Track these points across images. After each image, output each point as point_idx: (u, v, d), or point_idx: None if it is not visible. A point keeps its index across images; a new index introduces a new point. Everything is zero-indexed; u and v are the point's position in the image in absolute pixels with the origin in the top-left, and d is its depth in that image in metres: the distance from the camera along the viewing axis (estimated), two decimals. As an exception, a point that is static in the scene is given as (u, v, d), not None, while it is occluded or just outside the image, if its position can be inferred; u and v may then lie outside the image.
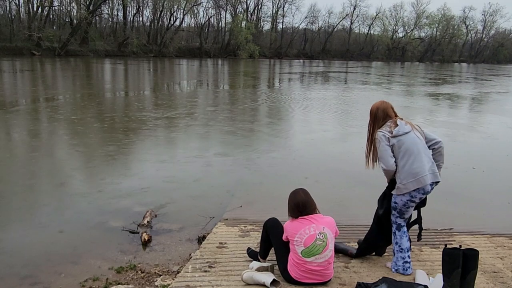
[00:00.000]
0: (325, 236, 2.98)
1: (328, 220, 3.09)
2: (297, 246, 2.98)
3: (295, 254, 3.01)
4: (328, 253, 3.00)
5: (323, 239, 2.97)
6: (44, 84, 19.10)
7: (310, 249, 2.95)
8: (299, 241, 2.98)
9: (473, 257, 2.84)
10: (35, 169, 6.66)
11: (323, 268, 3.01)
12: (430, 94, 20.67)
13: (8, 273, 3.62)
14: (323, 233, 2.99)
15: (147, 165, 6.93)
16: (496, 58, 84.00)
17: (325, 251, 2.98)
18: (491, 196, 6.02)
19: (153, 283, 3.48)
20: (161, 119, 10.90)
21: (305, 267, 2.99)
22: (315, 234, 2.96)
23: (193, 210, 5.10)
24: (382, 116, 3.26)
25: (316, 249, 2.95)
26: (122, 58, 43.86)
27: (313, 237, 2.95)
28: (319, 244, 2.95)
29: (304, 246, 2.96)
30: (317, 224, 3.01)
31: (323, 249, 2.96)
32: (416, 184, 3.16)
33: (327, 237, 2.99)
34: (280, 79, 28.10)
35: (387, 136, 3.15)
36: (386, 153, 3.14)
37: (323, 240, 2.97)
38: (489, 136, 10.55)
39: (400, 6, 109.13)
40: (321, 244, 2.96)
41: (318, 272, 3.01)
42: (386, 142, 3.15)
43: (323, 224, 3.03)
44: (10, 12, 47.44)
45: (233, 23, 60.55)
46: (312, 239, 2.95)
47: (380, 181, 3.59)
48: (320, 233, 2.98)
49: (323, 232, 2.99)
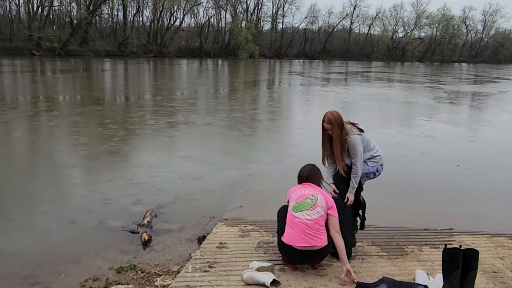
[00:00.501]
0: (316, 198, 3.25)
1: (326, 194, 3.38)
2: (291, 203, 3.31)
3: (289, 211, 3.30)
4: (315, 214, 3.20)
5: (313, 199, 3.25)
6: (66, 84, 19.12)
7: (299, 204, 3.24)
8: (293, 198, 3.33)
9: (473, 257, 2.85)
10: (35, 169, 6.66)
11: (311, 228, 3.17)
12: (478, 92, 20.69)
13: (8, 273, 3.62)
14: (315, 196, 3.27)
15: (147, 165, 6.93)
16: (496, 58, 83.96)
17: (312, 209, 3.20)
18: (491, 196, 6.02)
19: (153, 283, 3.48)
20: (161, 119, 10.90)
21: (294, 222, 3.22)
22: (307, 194, 3.28)
23: (193, 210, 5.10)
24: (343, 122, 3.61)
25: (305, 205, 3.22)
26: (122, 58, 43.86)
27: (304, 196, 3.28)
28: (308, 202, 3.23)
29: (295, 201, 3.28)
30: (314, 189, 3.33)
31: (311, 207, 3.21)
32: (383, 160, 3.73)
33: (317, 199, 3.25)
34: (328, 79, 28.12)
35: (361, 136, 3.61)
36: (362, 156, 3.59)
37: (313, 200, 3.24)
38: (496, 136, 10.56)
39: (400, 6, 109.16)
40: (310, 202, 3.23)
41: (306, 231, 3.16)
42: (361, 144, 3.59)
43: (318, 191, 3.33)
44: (10, 12, 47.50)
45: (233, 23, 60.54)
46: (303, 197, 3.28)
47: (384, 179, 3.59)
48: (312, 195, 3.27)
49: (315, 195, 3.28)
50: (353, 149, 3.56)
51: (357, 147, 3.54)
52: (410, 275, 3.35)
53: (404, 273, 3.40)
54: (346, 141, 3.57)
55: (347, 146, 3.58)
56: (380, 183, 4.22)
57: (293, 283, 3.18)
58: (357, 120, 3.76)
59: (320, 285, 3.17)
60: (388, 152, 7.88)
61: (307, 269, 3.41)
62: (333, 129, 3.55)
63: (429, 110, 14.98)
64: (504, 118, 14.02)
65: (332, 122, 3.54)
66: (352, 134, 3.56)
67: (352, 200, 3.62)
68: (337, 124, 3.54)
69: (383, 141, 8.79)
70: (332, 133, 3.58)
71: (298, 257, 3.28)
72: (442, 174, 6.90)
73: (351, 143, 3.55)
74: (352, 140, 3.55)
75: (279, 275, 3.29)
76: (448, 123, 12.16)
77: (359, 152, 3.54)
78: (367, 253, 3.78)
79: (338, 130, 3.55)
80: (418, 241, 4.09)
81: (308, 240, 3.17)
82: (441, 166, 7.34)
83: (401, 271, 3.43)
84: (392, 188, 5.98)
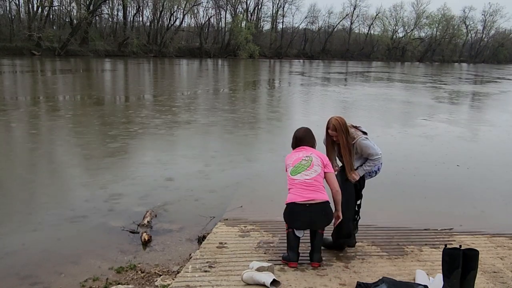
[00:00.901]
0: (310, 158, 3.40)
1: (320, 153, 3.49)
2: (288, 168, 3.44)
3: (288, 176, 3.43)
4: (312, 173, 3.34)
5: (308, 159, 3.39)
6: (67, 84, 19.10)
7: (296, 167, 3.38)
8: (290, 164, 3.45)
9: (473, 257, 2.85)
10: (35, 168, 6.66)
11: (310, 185, 3.31)
12: (478, 92, 20.69)
13: (8, 273, 3.62)
14: (309, 156, 3.41)
15: (147, 165, 6.93)
16: (496, 58, 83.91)
17: (309, 169, 3.35)
18: (491, 196, 6.02)
19: (153, 283, 3.48)
20: (161, 119, 10.90)
21: (293, 184, 3.36)
22: (302, 157, 3.42)
23: (193, 210, 5.10)
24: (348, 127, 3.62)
25: (301, 167, 3.37)
26: (122, 58, 43.86)
27: (299, 159, 3.42)
28: (303, 164, 3.37)
29: (292, 166, 3.41)
30: (307, 151, 3.47)
31: (307, 167, 3.36)
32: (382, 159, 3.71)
33: (312, 159, 3.39)
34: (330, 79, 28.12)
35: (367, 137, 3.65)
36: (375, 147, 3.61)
37: (308, 161, 3.38)
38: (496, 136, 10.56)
39: (400, 6, 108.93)
40: (306, 163, 3.38)
41: (306, 188, 3.30)
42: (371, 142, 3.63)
43: (312, 151, 3.47)
44: (10, 12, 47.50)
45: (233, 23, 60.52)
46: (299, 160, 3.42)
47: (385, 179, 3.58)
48: (306, 156, 3.41)
49: (309, 156, 3.42)
50: (368, 149, 3.55)
51: (370, 147, 3.55)
52: (410, 275, 3.35)
53: (404, 273, 3.40)
54: (354, 146, 3.57)
55: (356, 150, 3.58)
56: (380, 183, 4.22)
57: (293, 283, 3.18)
58: (358, 119, 3.76)
59: (320, 285, 3.17)
60: (388, 152, 7.87)
61: (307, 269, 3.42)
62: (338, 136, 3.54)
63: (430, 110, 14.97)
64: (504, 118, 14.02)
65: (338, 129, 3.52)
66: (360, 139, 3.57)
67: (356, 178, 3.59)
68: (343, 131, 3.53)
69: (383, 141, 8.80)
70: (338, 140, 3.56)
71: (301, 216, 3.28)
72: (442, 174, 6.89)
73: (362, 146, 3.55)
74: (362, 143, 3.55)
75: (279, 275, 3.29)
76: (449, 123, 12.16)
77: (374, 151, 3.56)
78: (367, 253, 3.78)
79: (344, 136, 3.53)
80: (418, 241, 4.09)
81: (308, 195, 3.27)
82: (441, 166, 7.33)
83: (401, 271, 3.43)
84: (392, 188, 5.98)
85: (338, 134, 3.53)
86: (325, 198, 3.33)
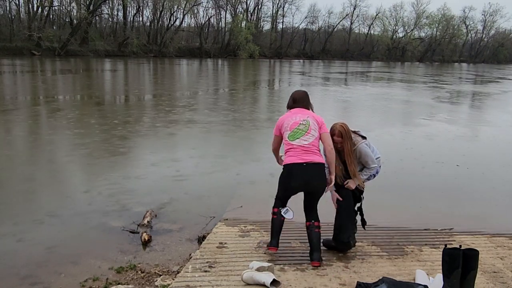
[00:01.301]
0: (308, 122, 3.42)
1: (315, 115, 3.50)
2: (285, 132, 3.45)
3: (285, 140, 3.47)
4: (310, 137, 3.39)
5: (306, 124, 3.41)
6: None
7: (294, 132, 3.40)
8: (286, 127, 3.46)
9: (473, 257, 2.85)
10: (35, 168, 6.66)
11: (308, 149, 3.37)
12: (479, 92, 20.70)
13: (8, 273, 3.62)
14: (306, 120, 3.42)
15: (147, 165, 6.93)
16: (496, 58, 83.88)
17: (307, 135, 3.40)
18: (491, 196, 6.02)
19: (153, 283, 3.48)
20: (161, 119, 10.90)
21: (292, 148, 3.40)
22: (299, 121, 3.43)
23: (193, 210, 5.10)
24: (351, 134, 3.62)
25: (299, 132, 3.39)
26: (122, 58, 43.86)
27: (297, 123, 3.43)
28: (301, 129, 3.39)
29: (290, 130, 3.42)
30: (303, 114, 3.47)
31: (305, 132, 3.39)
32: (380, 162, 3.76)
33: (309, 123, 3.42)
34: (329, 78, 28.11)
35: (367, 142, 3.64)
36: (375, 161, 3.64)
37: (306, 125, 3.41)
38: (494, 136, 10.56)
39: (400, 6, 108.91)
40: (304, 128, 3.40)
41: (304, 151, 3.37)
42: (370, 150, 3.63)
43: (308, 114, 3.47)
44: (10, 12, 47.45)
45: (233, 23, 60.49)
46: (296, 125, 3.42)
47: (385, 179, 3.58)
48: (303, 120, 3.42)
49: (306, 119, 3.43)
50: (366, 157, 3.57)
51: (369, 154, 3.58)
52: (410, 275, 3.35)
53: (404, 273, 3.40)
54: (355, 151, 3.59)
55: (358, 155, 3.59)
56: (380, 183, 4.22)
57: (293, 283, 3.18)
58: (358, 119, 3.77)
59: (320, 285, 3.17)
60: (389, 152, 7.88)
61: (307, 269, 3.42)
62: (343, 143, 3.54)
63: (431, 109, 14.96)
64: (504, 118, 14.02)
65: (344, 136, 3.53)
66: (360, 144, 3.58)
67: (352, 187, 3.60)
68: (348, 137, 3.54)
69: (383, 140, 8.80)
70: (342, 146, 3.56)
71: (299, 175, 3.36)
72: (442, 174, 6.89)
73: (361, 152, 3.57)
74: (362, 150, 3.57)
75: (279, 275, 3.29)
76: (449, 122, 12.15)
77: (371, 158, 3.58)
78: (367, 253, 3.78)
79: (349, 142, 3.54)
80: (418, 241, 4.09)
81: (307, 157, 3.35)
82: (441, 166, 7.33)
83: (401, 271, 3.43)
84: (392, 188, 5.98)
85: (344, 140, 3.53)
86: (322, 160, 3.42)
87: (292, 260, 3.58)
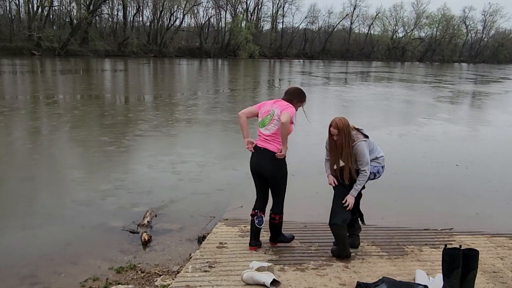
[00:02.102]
0: (273, 112, 3.63)
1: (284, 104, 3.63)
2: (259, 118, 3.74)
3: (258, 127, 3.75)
4: (273, 127, 3.61)
5: (272, 114, 3.64)
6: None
7: (262, 120, 3.68)
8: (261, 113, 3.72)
9: (473, 257, 2.85)
10: (35, 169, 6.66)
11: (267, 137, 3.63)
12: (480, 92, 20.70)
13: (8, 273, 3.62)
14: (273, 110, 3.63)
15: (147, 165, 6.93)
16: (496, 58, 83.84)
17: (269, 124, 3.62)
18: (491, 196, 6.02)
19: (153, 283, 3.48)
20: (161, 119, 10.90)
21: (258, 134, 3.71)
22: (269, 110, 3.66)
23: (193, 210, 5.10)
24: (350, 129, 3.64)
25: (266, 120, 3.65)
26: (122, 58, 43.86)
27: (266, 112, 3.66)
28: (268, 118, 3.65)
29: (260, 118, 3.71)
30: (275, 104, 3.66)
31: (269, 121, 3.62)
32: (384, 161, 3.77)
33: (274, 113, 3.62)
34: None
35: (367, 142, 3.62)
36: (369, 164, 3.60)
37: (271, 115, 3.63)
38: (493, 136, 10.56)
39: (400, 6, 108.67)
40: (269, 117, 3.64)
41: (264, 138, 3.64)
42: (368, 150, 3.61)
43: (278, 105, 3.64)
44: (10, 12, 47.46)
45: (233, 23, 60.48)
46: (265, 114, 3.67)
47: (385, 179, 3.58)
48: (271, 110, 3.64)
49: (273, 109, 3.64)
50: (360, 156, 3.54)
51: (364, 155, 3.54)
52: (410, 275, 3.35)
53: (404, 273, 3.40)
54: (353, 148, 3.56)
55: (354, 153, 3.57)
56: (380, 183, 4.21)
57: (293, 283, 3.18)
58: (360, 118, 3.76)
59: (320, 285, 3.17)
60: (389, 152, 7.87)
61: (307, 269, 3.42)
62: (339, 136, 3.53)
63: (434, 109, 14.96)
64: (505, 118, 14.01)
65: (340, 128, 3.51)
66: (359, 141, 3.55)
67: (352, 203, 3.58)
68: (344, 131, 3.52)
69: (384, 140, 8.80)
70: (338, 140, 3.55)
71: (254, 157, 3.70)
72: (442, 174, 6.89)
73: (358, 150, 3.54)
74: (359, 148, 3.54)
75: (279, 275, 3.29)
76: (452, 122, 12.15)
77: (366, 160, 3.54)
78: (367, 253, 3.78)
79: (345, 137, 3.53)
80: (418, 241, 4.09)
81: (264, 144, 3.63)
82: (441, 165, 7.33)
83: (401, 271, 3.43)
84: (392, 188, 5.97)
85: (339, 133, 3.52)
86: (274, 150, 3.60)
87: (292, 260, 3.57)
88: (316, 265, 3.50)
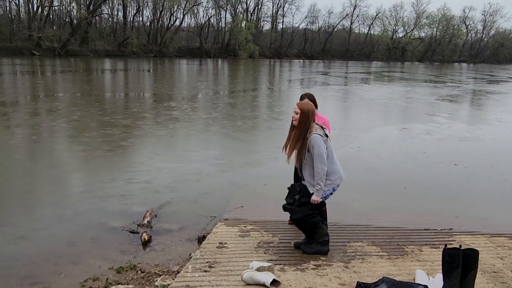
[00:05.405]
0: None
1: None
2: None
3: None
4: None
5: None
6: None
7: None
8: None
9: (473, 257, 2.85)
10: (35, 168, 6.65)
11: None
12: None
13: (8, 273, 3.62)
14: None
15: (147, 165, 6.93)
16: (496, 58, 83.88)
17: None
18: (491, 196, 6.02)
19: (153, 283, 3.48)
20: (161, 119, 10.90)
21: None
22: None
23: (193, 210, 5.10)
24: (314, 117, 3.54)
25: None
26: (122, 58, 43.85)
27: None
28: None
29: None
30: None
31: None
32: (339, 179, 3.59)
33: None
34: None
35: (324, 139, 3.46)
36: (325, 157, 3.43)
37: None
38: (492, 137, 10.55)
39: (400, 6, 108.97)
40: None
41: None
42: (324, 146, 3.44)
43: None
44: (10, 12, 47.46)
45: (233, 23, 60.49)
46: None
47: (385, 179, 3.57)
48: None
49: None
50: (312, 149, 3.41)
51: (316, 148, 3.39)
52: (410, 275, 3.35)
53: (404, 273, 3.40)
54: (308, 139, 3.43)
55: (308, 145, 3.43)
56: (380, 183, 4.22)
57: (293, 283, 3.18)
58: (361, 118, 3.74)
59: (320, 285, 3.17)
60: (389, 152, 7.88)
61: (307, 269, 3.42)
62: (298, 116, 3.45)
63: (436, 109, 14.97)
64: (505, 118, 14.00)
65: (303, 110, 3.44)
66: (314, 133, 3.42)
67: (318, 201, 3.49)
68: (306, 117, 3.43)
69: (384, 140, 8.79)
70: (295, 120, 3.47)
71: None
72: (442, 173, 6.89)
73: (311, 143, 3.42)
74: (312, 140, 3.41)
75: (279, 275, 3.29)
76: (454, 121, 12.15)
77: (318, 153, 3.40)
78: (367, 253, 3.78)
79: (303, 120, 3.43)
80: (418, 241, 4.09)
81: None
82: (441, 165, 7.32)
83: (401, 271, 3.43)
84: (392, 188, 5.97)
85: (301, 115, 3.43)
86: None
87: (292, 260, 3.57)
88: (316, 265, 3.50)
